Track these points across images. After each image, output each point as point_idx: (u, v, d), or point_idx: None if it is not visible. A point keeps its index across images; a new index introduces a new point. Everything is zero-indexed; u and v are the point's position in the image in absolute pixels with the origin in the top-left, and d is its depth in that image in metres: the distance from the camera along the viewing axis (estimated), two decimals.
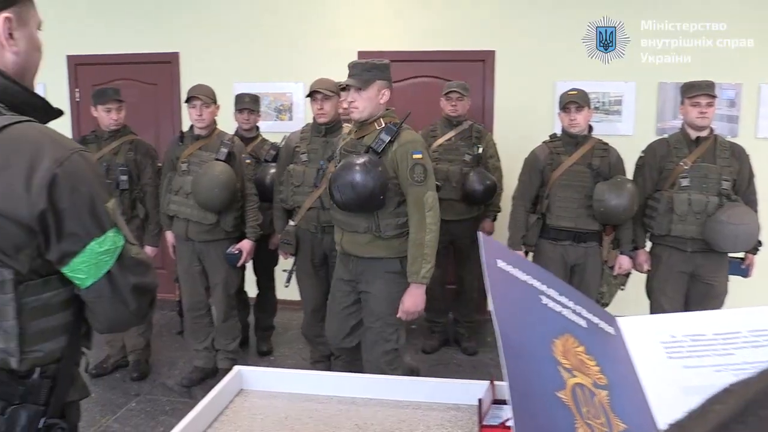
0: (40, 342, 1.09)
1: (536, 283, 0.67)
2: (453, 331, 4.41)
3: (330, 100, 3.33)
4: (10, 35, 1.11)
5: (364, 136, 2.67)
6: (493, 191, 3.92)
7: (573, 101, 3.24)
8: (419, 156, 2.57)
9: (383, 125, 2.63)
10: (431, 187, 2.63)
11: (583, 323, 0.69)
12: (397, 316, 2.68)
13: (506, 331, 0.58)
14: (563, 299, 0.68)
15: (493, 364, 4.06)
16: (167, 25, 5.05)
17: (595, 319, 0.71)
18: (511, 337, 0.59)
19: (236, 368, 1.48)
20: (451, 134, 4.00)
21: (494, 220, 4.16)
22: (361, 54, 4.87)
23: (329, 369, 3.58)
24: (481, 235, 0.67)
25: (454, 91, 3.93)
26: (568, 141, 3.36)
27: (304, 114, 4.95)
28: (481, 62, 4.76)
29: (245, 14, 4.96)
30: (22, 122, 1.06)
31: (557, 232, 3.34)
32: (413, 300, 2.65)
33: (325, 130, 3.38)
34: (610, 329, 0.73)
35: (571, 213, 3.29)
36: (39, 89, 1.22)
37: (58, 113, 1.21)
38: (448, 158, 3.97)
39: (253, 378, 1.48)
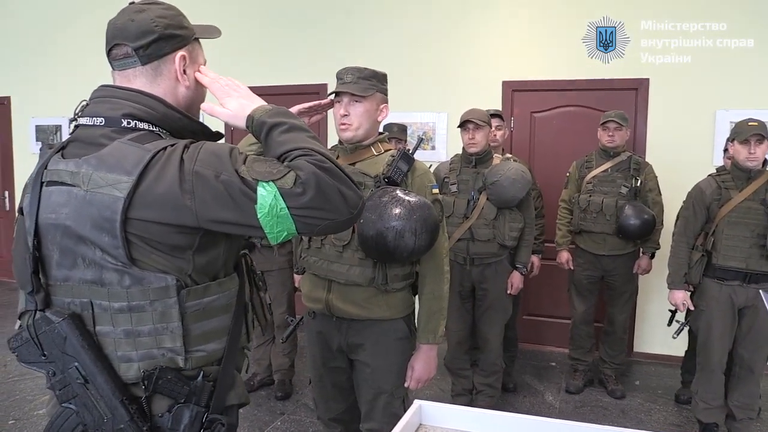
0: (202, 343, 1.17)
1: None
2: (598, 372, 4.18)
3: (482, 129, 3.31)
4: (184, 71, 1.24)
5: (355, 163, 2.12)
6: (651, 226, 3.71)
7: (757, 133, 2.99)
8: (437, 191, 2.16)
9: (383, 150, 2.14)
10: (444, 227, 2.19)
11: None
12: (405, 385, 2.16)
13: None
14: None
15: (643, 410, 3.82)
16: (317, 58, 5.31)
17: None
18: None
19: (417, 402, 1.47)
20: (607, 165, 3.85)
21: (652, 257, 3.92)
22: (506, 84, 4.85)
23: (470, 403, 3.53)
24: (763, 294, 0.61)
25: (612, 121, 3.78)
26: (738, 175, 3.10)
27: (446, 144, 4.99)
28: (634, 90, 4.57)
29: (392, 46, 5.11)
30: (174, 145, 1.13)
31: (724, 272, 3.09)
32: (427, 365, 2.15)
33: (475, 160, 3.36)
34: None
35: (741, 253, 3.03)
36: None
37: (219, 135, 1.30)
38: (603, 190, 3.82)
39: (432, 413, 1.46)
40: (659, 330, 3.99)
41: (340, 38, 5.30)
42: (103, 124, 1.15)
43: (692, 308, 3.21)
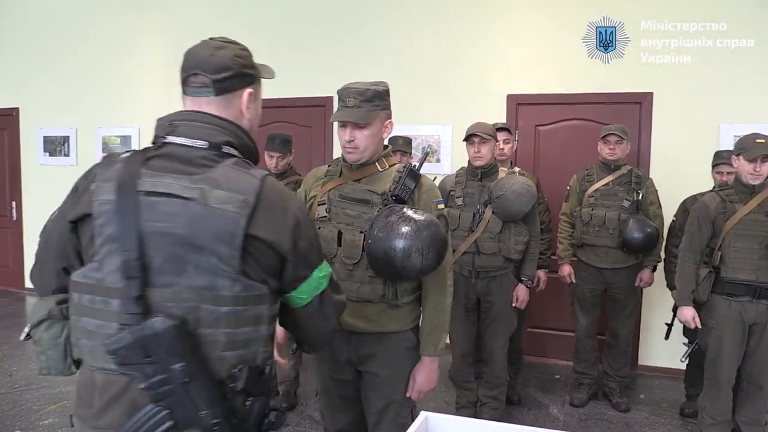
0: (269, 343, 1.32)
1: None
2: (602, 385, 4.18)
3: (487, 143, 3.33)
4: (248, 106, 1.40)
5: (361, 179, 2.13)
6: (654, 239, 3.73)
7: (767, 155, 3.00)
8: (442, 206, 2.18)
9: (387, 166, 2.15)
10: (449, 241, 2.16)
11: None
12: (408, 396, 2.18)
13: None
14: None
15: (648, 424, 3.81)
16: (324, 72, 5.37)
17: None
18: None
19: (423, 414, 1.48)
20: (608, 179, 3.87)
21: (654, 270, 3.94)
22: (510, 97, 4.88)
23: (474, 416, 3.54)
24: None
25: (613, 134, 3.81)
26: (742, 189, 3.12)
27: (451, 156, 5.02)
28: (638, 104, 4.59)
29: (397, 59, 5.15)
30: (268, 175, 1.31)
31: (734, 286, 3.08)
32: (428, 377, 2.17)
33: (481, 173, 3.38)
34: None
35: (750, 265, 3.03)
36: None
37: (257, 161, 1.45)
38: (605, 203, 3.84)
39: (439, 424, 1.48)
40: (664, 343, 3.99)
41: (346, 52, 5.35)
42: (206, 147, 1.29)
43: (699, 326, 3.21)
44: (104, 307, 1.22)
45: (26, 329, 1.35)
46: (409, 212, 1.98)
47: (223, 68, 1.34)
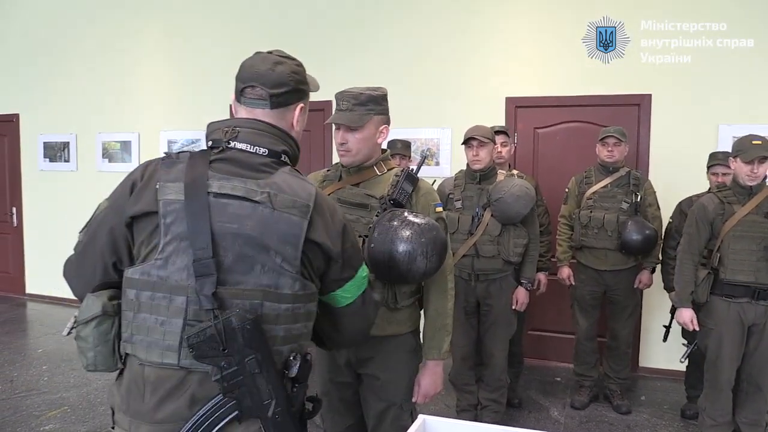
0: (310, 336, 1.44)
1: None
2: (603, 387, 4.18)
3: (485, 146, 3.34)
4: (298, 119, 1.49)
5: (359, 183, 2.17)
6: (653, 241, 3.74)
7: (763, 156, 3.00)
8: (441, 209, 2.20)
9: (386, 170, 2.17)
10: (449, 244, 2.17)
11: None
12: (413, 400, 2.20)
13: None
14: None
15: (649, 426, 3.81)
16: (323, 75, 5.36)
17: None
18: None
19: (421, 417, 1.48)
20: (607, 181, 3.88)
21: (653, 271, 3.94)
22: (509, 100, 4.89)
23: (475, 419, 3.54)
24: None
25: (611, 136, 3.81)
26: (739, 191, 3.13)
27: (450, 159, 5.02)
28: (636, 106, 4.60)
29: (396, 62, 5.17)
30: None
31: (732, 287, 3.08)
32: (433, 380, 2.18)
33: (479, 176, 3.39)
34: None
35: (749, 266, 3.03)
36: None
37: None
38: (604, 206, 3.85)
39: (437, 428, 1.48)
40: (664, 345, 3.99)
41: (345, 56, 5.36)
42: (266, 154, 1.37)
43: (697, 328, 3.21)
44: (167, 303, 1.25)
45: (70, 324, 1.36)
46: (410, 216, 2.00)
47: (281, 84, 1.42)
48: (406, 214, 2.01)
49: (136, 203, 1.30)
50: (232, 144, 1.36)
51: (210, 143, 1.40)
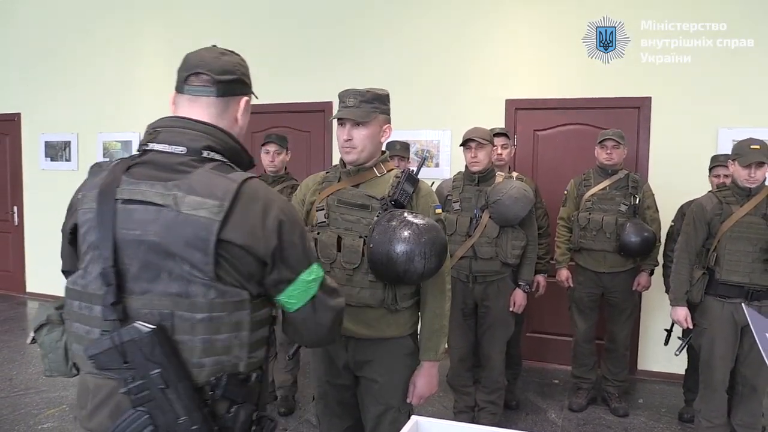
0: (256, 349, 1.31)
1: None
2: (601, 390, 4.18)
3: (484, 148, 3.35)
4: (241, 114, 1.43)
5: (359, 184, 2.16)
6: (651, 243, 3.74)
7: (761, 161, 3.01)
8: (440, 211, 2.20)
9: (385, 171, 2.17)
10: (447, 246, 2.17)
11: None
12: (408, 401, 2.19)
13: None
14: None
15: (646, 429, 3.81)
16: (323, 77, 5.39)
17: None
18: None
19: (414, 419, 1.48)
20: (605, 183, 3.88)
21: (651, 274, 3.94)
22: (509, 102, 4.90)
23: (473, 421, 3.54)
24: (746, 308, 0.64)
25: (610, 139, 3.82)
26: (738, 191, 3.14)
27: (449, 161, 5.03)
28: (636, 109, 4.60)
29: (396, 64, 5.17)
30: (251, 178, 1.30)
31: (727, 288, 3.09)
32: (429, 382, 2.18)
33: (478, 178, 3.39)
34: None
35: (744, 267, 3.04)
36: None
37: (253, 164, 1.46)
38: (603, 208, 3.85)
39: (430, 429, 1.48)
40: (662, 348, 3.98)
41: (345, 58, 5.37)
42: (184, 153, 1.28)
43: (691, 327, 3.22)
44: (89, 313, 1.25)
45: (31, 333, 1.40)
46: (410, 217, 2.00)
47: (228, 71, 1.38)
48: (405, 214, 2.01)
49: (69, 218, 1.34)
50: (150, 146, 1.31)
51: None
